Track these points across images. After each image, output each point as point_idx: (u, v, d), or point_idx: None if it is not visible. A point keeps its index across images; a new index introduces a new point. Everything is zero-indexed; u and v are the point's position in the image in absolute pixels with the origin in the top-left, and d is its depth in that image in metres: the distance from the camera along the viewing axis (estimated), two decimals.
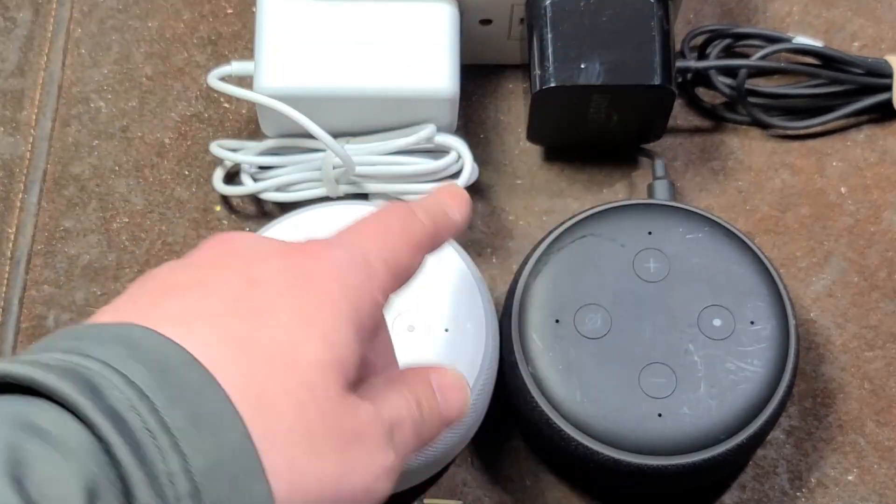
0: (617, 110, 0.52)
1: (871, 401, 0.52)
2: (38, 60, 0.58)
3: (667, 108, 0.52)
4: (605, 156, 0.56)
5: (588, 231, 0.49)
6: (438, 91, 0.51)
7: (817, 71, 0.56)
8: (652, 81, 0.50)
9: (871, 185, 0.56)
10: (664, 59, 0.51)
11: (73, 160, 0.56)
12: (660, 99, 0.52)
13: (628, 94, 0.51)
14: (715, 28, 0.57)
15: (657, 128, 0.54)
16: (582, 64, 0.50)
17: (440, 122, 0.52)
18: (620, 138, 0.55)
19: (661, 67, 0.51)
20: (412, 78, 0.50)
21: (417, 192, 0.51)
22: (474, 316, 0.48)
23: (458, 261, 0.49)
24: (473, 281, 0.49)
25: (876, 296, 0.54)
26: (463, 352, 0.47)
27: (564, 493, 0.51)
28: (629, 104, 0.52)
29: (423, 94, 0.51)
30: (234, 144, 0.54)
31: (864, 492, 0.51)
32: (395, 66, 0.51)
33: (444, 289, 0.48)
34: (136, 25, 0.59)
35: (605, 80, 0.50)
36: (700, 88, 0.57)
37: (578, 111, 0.52)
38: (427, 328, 0.48)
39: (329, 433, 0.32)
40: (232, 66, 0.52)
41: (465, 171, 0.51)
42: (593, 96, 0.51)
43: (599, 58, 0.50)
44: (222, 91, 0.52)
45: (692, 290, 0.48)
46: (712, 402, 0.46)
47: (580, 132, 0.54)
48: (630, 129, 0.54)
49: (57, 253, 0.54)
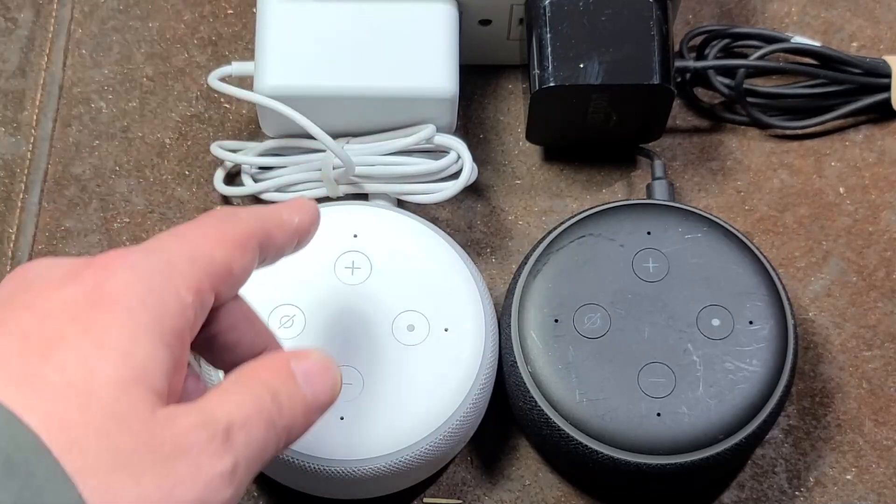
0: (616, 110, 0.52)
1: (870, 400, 0.52)
2: (39, 61, 0.58)
3: (666, 108, 0.53)
4: (604, 156, 0.56)
5: (587, 231, 0.49)
6: (438, 91, 0.51)
7: (815, 70, 0.56)
8: (651, 81, 0.51)
9: (869, 185, 0.56)
10: (663, 58, 0.51)
11: (73, 160, 0.56)
12: (659, 98, 0.52)
13: (627, 93, 0.51)
14: (713, 28, 0.57)
15: (656, 127, 0.54)
16: (581, 64, 0.51)
17: (440, 122, 0.52)
18: (619, 138, 0.55)
19: (660, 67, 0.51)
20: (412, 78, 0.51)
21: (417, 192, 0.51)
22: (474, 316, 0.48)
23: (457, 261, 0.49)
24: (473, 281, 0.49)
25: (874, 295, 0.54)
26: (463, 351, 0.47)
27: (564, 493, 0.51)
28: (628, 104, 0.52)
29: (423, 94, 0.51)
30: (234, 145, 0.54)
31: (863, 491, 0.51)
32: (395, 67, 0.51)
33: (444, 289, 0.48)
34: (137, 26, 0.59)
35: (605, 79, 0.51)
36: (699, 89, 0.57)
37: (578, 111, 0.52)
38: (426, 328, 0.48)
39: (142, 452, 0.31)
40: (232, 66, 0.52)
41: (465, 172, 0.51)
42: (592, 96, 0.51)
43: (598, 57, 0.51)
44: (223, 92, 0.52)
45: (691, 289, 0.48)
46: (711, 401, 0.46)
47: (580, 132, 0.54)
48: (629, 129, 0.54)
49: (58, 253, 0.55)
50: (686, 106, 0.57)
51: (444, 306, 0.48)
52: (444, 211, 0.55)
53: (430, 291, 0.48)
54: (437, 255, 0.49)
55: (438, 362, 0.47)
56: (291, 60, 0.50)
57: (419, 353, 0.47)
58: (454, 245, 0.50)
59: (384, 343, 0.47)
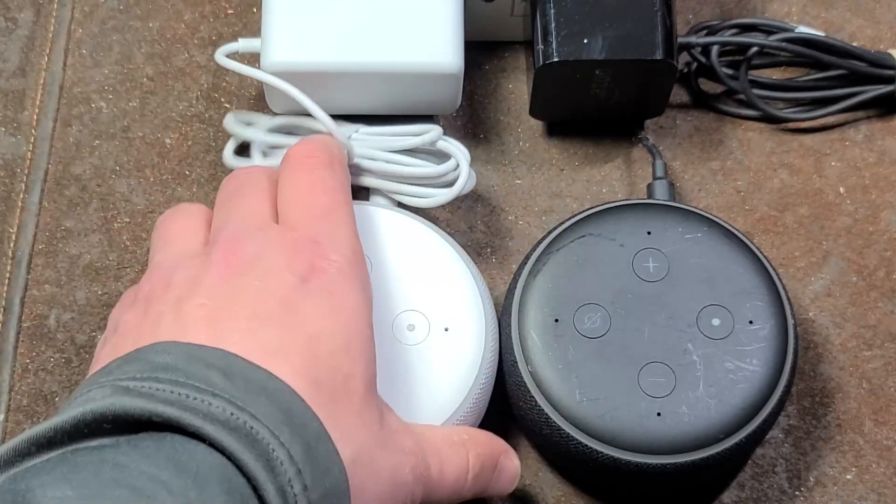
0: (619, 85, 0.53)
1: (870, 400, 0.52)
2: (40, 61, 0.58)
3: (669, 83, 0.53)
4: (605, 156, 0.56)
5: (587, 231, 0.49)
6: (444, 66, 0.51)
7: (820, 56, 0.56)
8: (654, 56, 0.51)
9: (869, 185, 0.56)
10: (666, 34, 0.51)
11: (74, 160, 0.56)
12: (661, 74, 0.52)
13: (630, 68, 0.51)
14: (716, 23, 0.57)
15: (658, 103, 0.54)
16: (584, 39, 0.51)
17: (444, 98, 0.52)
18: (622, 113, 0.55)
19: (663, 42, 0.51)
20: (417, 54, 0.51)
21: (411, 193, 0.51)
22: (474, 315, 0.48)
23: (457, 260, 0.49)
24: (473, 280, 0.49)
25: (874, 295, 0.54)
26: (463, 351, 0.47)
27: (564, 493, 0.51)
28: (631, 79, 0.52)
29: (429, 69, 0.51)
30: (248, 117, 0.54)
31: (863, 490, 0.51)
32: (401, 42, 0.51)
33: (444, 288, 0.49)
34: (137, 26, 0.59)
35: (608, 54, 0.51)
36: (702, 80, 0.57)
37: (581, 86, 0.53)
38: (427, 327, 0.48)
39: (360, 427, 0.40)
40: (239, 43, 0.52)
41: (460, 181, 0.50)
42: (596, 71, 0.52)
43: (602, 33, 0.51)
44: (229, 68, 0.51)
45: (691, 289, 0.48)
46: (711, 401, 0.46)
47: (582, 107, 0.54)
48: (632, 104, 0.54)
49: (58, 252, 0.55)
50: (688, 106, 0.57)
51: (445, 306, 0.48)
52: (444, 211, 0.55)
53: (431, 291, 0.48)
54: (438, 254, 0.49)
55: (439, 362, 0.47)
56: (298, 37, 0.51)
57: (419, 353, 0.47)
58: (454, 245, 0.50)
59: (384, 342, 0.47)
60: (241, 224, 0.44)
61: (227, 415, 0.35)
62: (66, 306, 0.54)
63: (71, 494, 0.31)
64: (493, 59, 0.58)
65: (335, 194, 0.45)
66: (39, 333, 0.53)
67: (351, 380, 0.40)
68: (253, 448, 0.34)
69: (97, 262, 0.54)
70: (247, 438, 0.35)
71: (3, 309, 0.54)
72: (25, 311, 0.54)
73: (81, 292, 0.54)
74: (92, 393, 0.36)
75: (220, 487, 0.33)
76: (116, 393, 0.35)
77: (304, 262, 0.42)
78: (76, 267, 0.54)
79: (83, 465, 0.32)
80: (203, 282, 0.41)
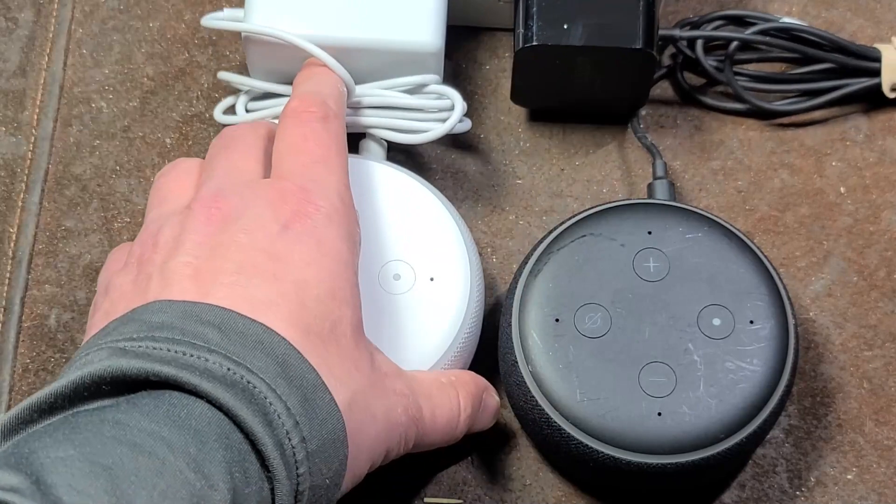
0: (599, 73, 0.53)
1: (870, 400, 0.52)
2: (40, 61, 0.58)
3: (649, 74, 0.53)
4: (605, 156, 0.56)
5: (588, 230, 0.49)
6: (423, 45, 0.51)
7: (803, 48, 0.56)
8: (634, 45, 0.51)
9: (870, 184, 0.56)
10: (647, 24, 0.51)
11: (74, 160, 0.56)
12: (641, 63, 0.52)
13: (610, 56, 0.52)
14: (699, 17, 0.57)
15: (640, 94, 0.55)
16: (565, 25, 0.51)
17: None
18: (604, 104, 0.56)
19: (644, 32, 0.51)
20: (397, 31, 0.51)
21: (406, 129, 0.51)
22: (459, 265, 0.49)
23: (443, 212, 0.50)
24: (458, 231, 0.50)
25: (875, 295, 0.54)
26: (448, 300, 0.48)
27: (564, 493, 0.51)
28: (611, 68, 0.53)
29: (408, 46, 0.51)
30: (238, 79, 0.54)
31: (863, 491, 0.51)
32: (382, 19, 0.51)
33: (428, 238, 0.49)
34: (138, 26, 0.59)
35: (588, 41, 0.51)
36: (696, 76, 0.57)
37: (561, 73, 0.53)
38: (412, 277, 0.48)
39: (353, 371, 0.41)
40: (224, 12, 0.53)
41: (454, 115, 0.51)
42: (576, 58, 0.52)
43: (583, 20, 0.51)
44: (216, 27, 0.52)
45: (692, 289, 0.48)
46: (712, 401, 0.46)
47: (565, 95, 0.55)
48: (613, 95, 0.55)
49: (58, 252, 0.55)
50: (687, 105, 0.57)
51: (430, 256, 0.49)
52: None
53: (416, 241, 0.49)
54: (423, 205, 0.50)
55: (424, 310, 0.48)
56: (280, 8, 0.51)
57: (405, 302, 0.48)
58: (440, 196, 0.51)
59: (370, 292, 0.48)
60: (225, 179, 0.44)
61: (223, 370, 0.35)
62: (67, 306, 0.54)
63: (73, 453, 0.31)
64: (494, 58, 0.58)
65: (328, 145, 0.45)
66: (40, 333, 0.53)
67: (339, 324, 0.40)
68: (250, 403, 0.35)
69: (97, 262, 0.54)
70: (244, 393, 0.35)
71: (3, 309, 0.54)
72: (26, 311, 0.54)
73: (82, 292, 0.54)
74: (90, 356, 0.36)
75: (218, 443, 0.34)
76: (114, 355, 0.35)
77: (289, 210, 0.42)
78: (76, 267, 0.54)
79: (84, 426, 0.33)
80: (187, 239, 0.41)
